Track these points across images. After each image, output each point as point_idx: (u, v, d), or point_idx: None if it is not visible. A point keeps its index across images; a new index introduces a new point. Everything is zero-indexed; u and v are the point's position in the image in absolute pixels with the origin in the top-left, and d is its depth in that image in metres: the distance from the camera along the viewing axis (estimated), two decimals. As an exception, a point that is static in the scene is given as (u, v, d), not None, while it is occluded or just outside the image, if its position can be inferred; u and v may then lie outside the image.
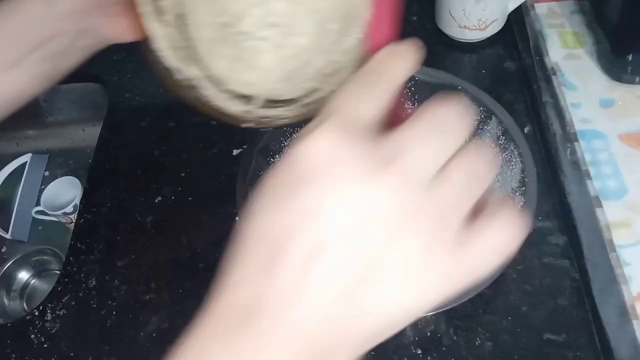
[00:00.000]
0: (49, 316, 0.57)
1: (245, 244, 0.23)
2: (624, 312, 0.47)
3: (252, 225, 0.23)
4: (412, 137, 0.22)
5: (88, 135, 0.83)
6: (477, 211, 0.23)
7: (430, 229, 0.22)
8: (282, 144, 0.58)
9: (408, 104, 0.29)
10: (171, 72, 0.30)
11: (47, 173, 0.84)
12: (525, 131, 0.62)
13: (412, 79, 0.58)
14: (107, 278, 0.59)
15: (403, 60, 0.26)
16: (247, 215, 0.23)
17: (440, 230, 0.22)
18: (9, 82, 0.41)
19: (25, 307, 0.75)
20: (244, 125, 0.31)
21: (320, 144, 0.22)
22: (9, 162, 0.82)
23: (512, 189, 0.52)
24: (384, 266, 0.22)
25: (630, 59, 0.59)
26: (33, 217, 0.79)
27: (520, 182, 0.51)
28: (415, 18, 0.75)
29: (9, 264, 0.75)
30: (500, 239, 0.23)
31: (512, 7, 0.69)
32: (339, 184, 0.21)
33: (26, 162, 0.82)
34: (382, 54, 0.26)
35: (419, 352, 0.51)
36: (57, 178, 0.79)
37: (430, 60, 0.49)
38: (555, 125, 0.60)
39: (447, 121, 0.23)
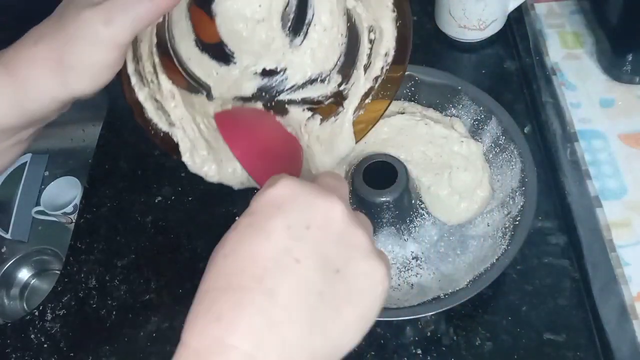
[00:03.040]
0: (49, 316, 0.57)
1: (227, 265, 0.27)
2: (624, 312, 0.47)
3: (229, 251, 0.27)
4: (332, 183, 0.31)
5: (88, 135, 0.83)
6: None
7: (369, 238, 0.29)
8: (282, 144, 0.58)
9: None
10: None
11: (47, 173, 0.84)
12: (525, 131, 0.62)
13: (412, 78, 0.58)
14: (107, 278, 0.59)
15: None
16: (224, 245, 0.28)
17: (371, 239, 0.29)
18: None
19: (25, 307, 0.75)
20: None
21: (283, 186, 0.28)
22: (9, 162, 0.82)
23: (512, 189, 0.52)
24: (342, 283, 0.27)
25: (630, 59, 0.59)
26: (33, 217, 0.79)
27: (520, 182, 0.51)
28: (415, 18, 0.75)
29: (9, 264, 0.75)
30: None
31: (512, 7, 0.69)
32: (304, 207, 0.28)
33: (26, 162, 0.82)
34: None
35: (419, 352, 0.51)
36: (57, 178, 0.79)
37: (430, 60, 0.49)
38: (555, 125, 0.60)
39: (341, 178, 0.34)
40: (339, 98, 0.48)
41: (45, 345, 0.56)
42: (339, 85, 0.48)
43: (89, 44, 0.33)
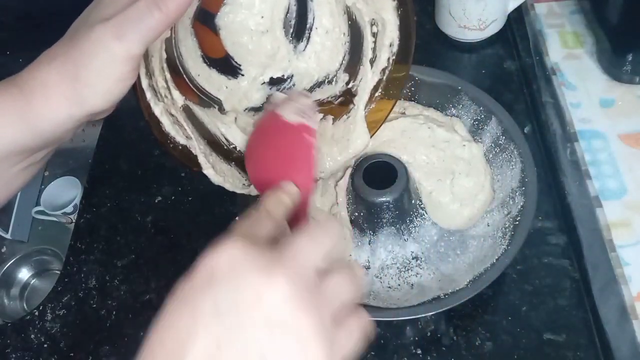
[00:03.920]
0: (49, 316, 0.57)
1: (157, 335, 0.27)
2: (624, 312, 0.47)
3: (163, 320, 0.27)
4: (294, 243, 0.28)
5: (88, 135, 0.83)
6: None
7: (317, 311, 0.26)
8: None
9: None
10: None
11: (47, 173, 0.84)
12: (525, 131, 0.62)
13: (412, 78, 0.58)
14: (107, 278, 0.59)
15: (285, 205, 0.35)
16: (159, 316, 0.27)
17: (323, 318, 0.27)
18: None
19: (25, 307, 0.75)
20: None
21: (225, 252, 0.27)
22: (9, 162, 0.82)
23: (512, 189, 0.52)
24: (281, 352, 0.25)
25: (630, 59, 0.59)
26: (33, 217, 0.79)
27: (520, 182, 0.51)
28: (415, 18, 0.75)
29: (9, 264, 0.75)
30: (358, 333, 0.29)
31: (512, 7, 0.69)
32: (237, 283, 0.26)
33: (26, 162, 0.82)
34: (270, 197, 0.35)
35: (419, 352, 0.51)
36: (57, 178, 0.79)
37: (430, 60, 0.49)
38: (555, 125, 0.60)
39: (320, 234, 0.30)
40: (348, 96, 0.48)
41: (45, 345, 0.56)
42: (347, 83, 0.49)
43: (102, 59, 0.33)
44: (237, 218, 0.60)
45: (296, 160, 0.39)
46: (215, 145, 0.45)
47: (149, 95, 0.39)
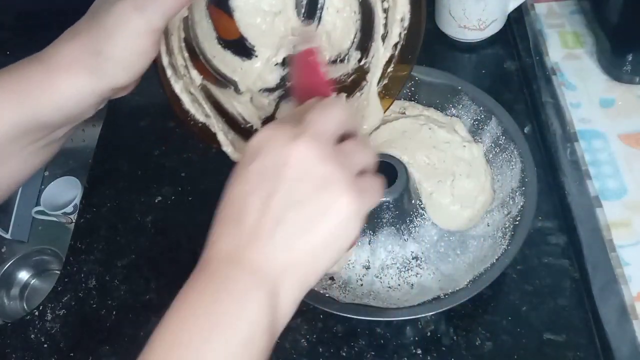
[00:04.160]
0: (49, 316, 0.57)
1: (221, 209, 0.34)
2: (624, 312, 0.47)
3: (225, 197, 0.34)
4: (312, 117, 0.34)
5: (88, 135, 0.83)
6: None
7: (340, 163, 0.32)
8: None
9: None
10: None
11: (47, 173, 0.84)
12: (525, 131, 0.62)
13: (412, 78, 0.58)
14: (107, 278, 0.59)
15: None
16: (224, 191, 0.34)
17: (345, 169, 0.32)
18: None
19: (25, 307, 0.75)
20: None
21: (263, 133, 0.33)
22: (9, 162, 0.82)
23: (512, 189, 0.52)
24: (316, 200, 0.32)
25: (630, 59, 0.59)
26: (33, 217, 0.79)
27: (520, 182, 0.51)
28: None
29: (9, 264, 0.75)
30: (377, 190, 0.36)
31: (512, 7, 0.69)
32: (274, 150, 0.32)
33: (26, 162, 0.82)
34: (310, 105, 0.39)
35: (419, 352, 0.51)
36: (57, 178, 0.79)
37: (430, 60, 0.49)
38: (555, 125, 0.60)
39: (331, 108, 0.35)
40: (360, 73, 0.49)
41: (45, 345, 0.56)
42: (359, 60, 0.49)
43: (123, 33, 0.34)
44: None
45: (312, 81, 0.43)
46: (233, 123, 0.46)
47: (169, 72, 0.40)
